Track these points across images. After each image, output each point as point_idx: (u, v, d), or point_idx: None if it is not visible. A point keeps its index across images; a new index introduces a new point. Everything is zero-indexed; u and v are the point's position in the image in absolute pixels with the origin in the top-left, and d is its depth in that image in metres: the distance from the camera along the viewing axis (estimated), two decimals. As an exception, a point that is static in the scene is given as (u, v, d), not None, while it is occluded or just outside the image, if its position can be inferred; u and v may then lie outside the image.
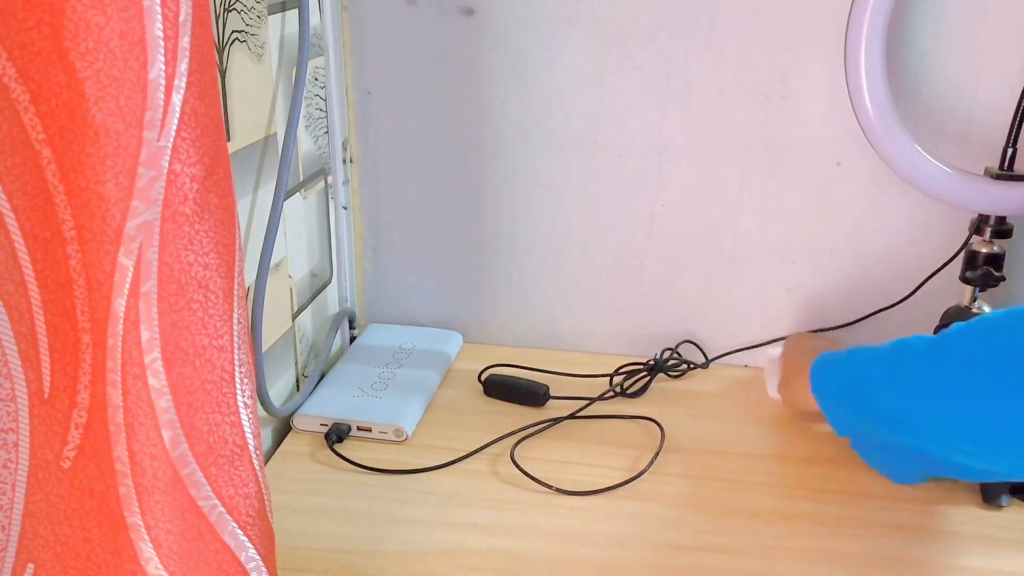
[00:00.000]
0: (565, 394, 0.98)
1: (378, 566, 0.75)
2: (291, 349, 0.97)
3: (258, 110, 0.85)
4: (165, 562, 0.54)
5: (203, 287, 0.53)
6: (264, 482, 0.60)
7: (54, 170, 0.48)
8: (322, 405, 0.95)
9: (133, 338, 0.50)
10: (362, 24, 1.03)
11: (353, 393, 0.97)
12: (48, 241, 0.50)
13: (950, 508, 0.83)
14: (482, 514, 0.81)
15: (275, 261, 0.92)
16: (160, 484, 0.53)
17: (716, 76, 0.99)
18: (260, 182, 0.87)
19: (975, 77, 0.95)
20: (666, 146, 1.02)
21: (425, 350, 1.06)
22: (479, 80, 1.03)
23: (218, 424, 0.56)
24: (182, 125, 0.49)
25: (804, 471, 0.88)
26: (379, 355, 1.04)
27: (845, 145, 0.99)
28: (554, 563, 0.76)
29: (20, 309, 0.52)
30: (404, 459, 0.89)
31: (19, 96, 0.47)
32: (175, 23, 0.48)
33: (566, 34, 1.00)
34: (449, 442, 0.91)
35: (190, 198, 0.51)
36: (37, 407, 0.54)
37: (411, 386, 0.99)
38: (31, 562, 0.57)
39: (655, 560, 0.76)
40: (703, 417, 0.97)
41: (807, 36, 0.96)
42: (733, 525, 0.80)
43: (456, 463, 0.88)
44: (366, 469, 0.87)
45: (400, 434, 0.91)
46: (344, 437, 0.91)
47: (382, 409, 0.94)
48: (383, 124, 1.07)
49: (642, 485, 0.85)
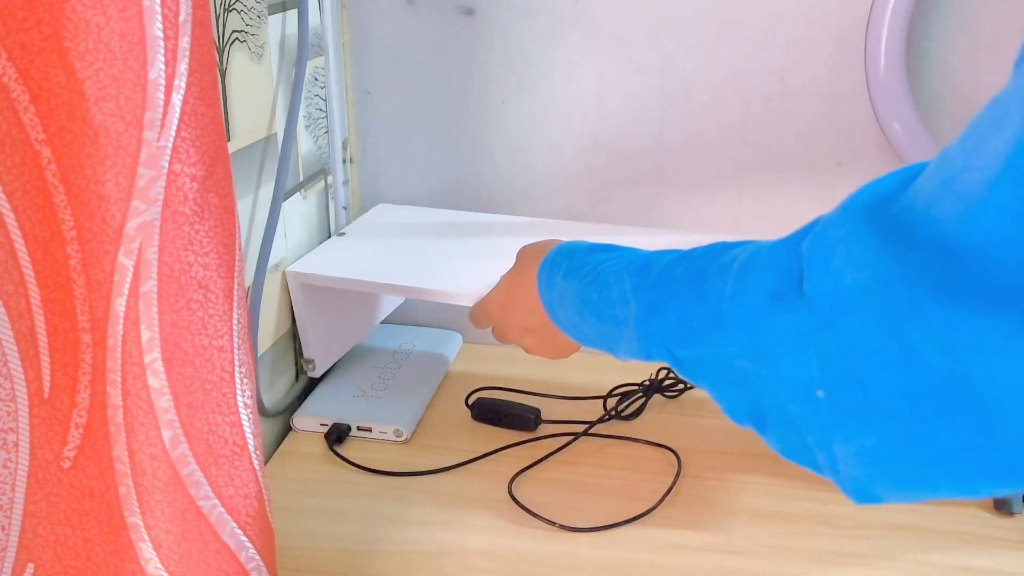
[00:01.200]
0: (557, 417, 0.94)
1: (378, 566, 0.75)
2: (291, 349, 0.97)
3: (258, 110, 0.85)
4: (165, 562, 0.54)
5: (203, 287, 0.53)
6: (264, 482, 0.60)
7: (54, 170, 0.48)
8: (322, 405, 0.95)
9: (133, 338, 0.50)
10: (362, 24, 1.03)
11: (353, 393, 0.97)
12: (48, 241, 0.50)
13: (951, 508, 0.83)
14: (482, 514, 0.81)
15: (275, 261, 0.92)
16: (160, 484, 0.53)
17: (716, 76, 0.99)
18: (260, 182, 0.87)
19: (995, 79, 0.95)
20: (666, 146, 1.02)
21: (425, 351, 1.06)
22: (479, 80, 1.03)
23: (218, 424, 0.56)
24: (182, 125, 0.49)
25: (805, 471, 0.88)
26: (379, 356, 1.04)
27: (845, 145, 0.99)
28: (554, 563, 0.76)
29: (20, 309, 0.52)
30: (404, 459, 0.88)
31: (19, 96, 0.47)
32: (175, 23, 0.48)
33: (566, 34, 1.00)
34: (449, 442, 0.91)
35: (190, 198, 0.51)
36: (37, 407, 0.54)
37: (411, 387, 0.98)
38: (31, 562, 0.57)
39: (655, 559, 0.76)
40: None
41: (807, 36, 0.96)
42: (733, 525, 0.80)
43: (458, 467, 0.87)
44: (364, 470, 0.87)
45: (400, 434, 0.91)
46: (344, 437, 0.91)
47: (382, 409, 0.94)
48: (383, 124, 1.07)
49: (641, 486, 0.85)
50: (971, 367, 0.38)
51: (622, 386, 0.97)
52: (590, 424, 0.92)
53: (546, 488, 0.85)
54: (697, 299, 0.56)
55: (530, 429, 0.93)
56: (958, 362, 0.38)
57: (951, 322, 0.38)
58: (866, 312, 0.42)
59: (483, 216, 1.05)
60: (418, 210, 1.08)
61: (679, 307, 0.58)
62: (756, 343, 0.50)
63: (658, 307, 0.59)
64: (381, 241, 1.00)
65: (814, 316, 0.45)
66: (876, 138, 0.97)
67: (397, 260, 0.95)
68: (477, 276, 0.87)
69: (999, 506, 0.82)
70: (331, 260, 0.96)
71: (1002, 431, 0.38)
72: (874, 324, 0.41)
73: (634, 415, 0.95)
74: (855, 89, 0.97)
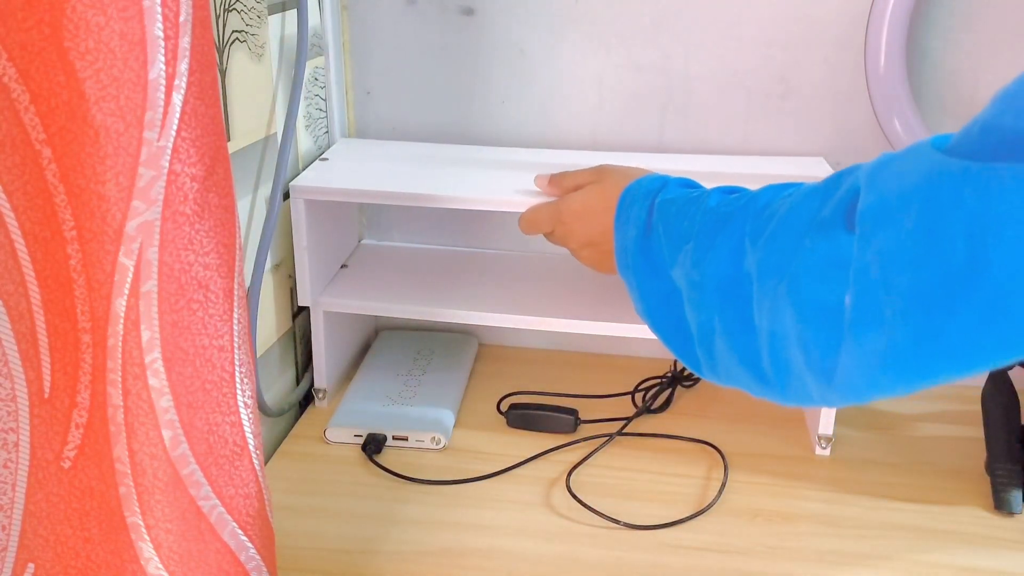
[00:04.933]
0: (587, 416, 0.95)
1: (378, 566, 0.75)
2: (291, 349, 0.97)
3: (258, 110, 0.85)
4: (165, 562, 0.54)
5: (203, 287, 0.53)
6: (264, 482, 0.61)
7: (54, 170, 0.48)
8: (353, 416, 0.94)
9: (133, 338, 0.50)
10: (362, 24, 1.03)
11: (382, 403, 0.96)
12: (48, 241, 0.50)
13: (952, 509, 0.83)
14: (482, 514, 0.81)
15: (275, 261, 0.92)
16: (160, 484, 0.53)
17: (716, 76, 0.99)
18: (260, 182, 0.87)
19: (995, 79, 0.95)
20: (666, 146, 1.02)
21: (445, 355, 1.05)
22: (479, 80, 1.03)
23: (218, 424, 0.56)
24: (182, 125, 0.49)
25: (807, 471, 0.88)
26: (399, 362, 1.04)
27: (845, 145, 0.99)
28: (555, 563, 0.76)
29: (20, 309, 0.52)
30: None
31: (19, 96, 0.47)
32: (175, 23, 0.48)
33: (566, 34, 1.00)
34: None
35: (190, 198, 0.51)
36: (37, 407, 0.54)
37: (439, 393, 0.98)
38: (31, 562, 0.57)
39: (655, 559, 0.76)
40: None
41: (807, 36, 0.96)
42: (733, 525, 0.80)
43: (504, 472, 0.87)
44: (408, 480, 0.85)
45: (438, 442, 0.90)
46: (381, 447, 0.90)
47: (416, 418, 0.93)
48: (383, 124, 1.07)
49: (643, 486, 0.85)
50: (993, 235, 0.43)
51: (645, 380, 1.01)
52: (627, 421, 0.94)
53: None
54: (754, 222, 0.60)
55: (570, 431, 0.93)
56: (982, 234, 0.43)
57: (986, 181, 0.43)
58: (904, 215, 0.47)
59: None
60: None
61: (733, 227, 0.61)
62: (783, 264, 0.54)
63: (718, 227, 0.63)
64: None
65: (860, 235, 0.49)
66: (876, 138, 0.97)
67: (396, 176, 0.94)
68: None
69: (999, 506, 0.82)
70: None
71: (1010, 304, 0.43)
72: (910, 225, 0.46)
73: (662, 407, 0.98)
74: (855, 89, 0.97)
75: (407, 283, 0.99)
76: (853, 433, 0.93)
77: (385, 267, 1.03)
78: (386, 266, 1.03)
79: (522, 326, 0.93)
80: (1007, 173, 0.42)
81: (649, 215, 0.70)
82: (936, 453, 0.91)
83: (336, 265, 1.01)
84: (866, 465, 0.89)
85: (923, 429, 0.95)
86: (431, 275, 1.01)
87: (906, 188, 0.47)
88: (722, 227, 0.62)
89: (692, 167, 0.87)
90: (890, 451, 0.91)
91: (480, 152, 1.01)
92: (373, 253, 1.07)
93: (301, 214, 0.90)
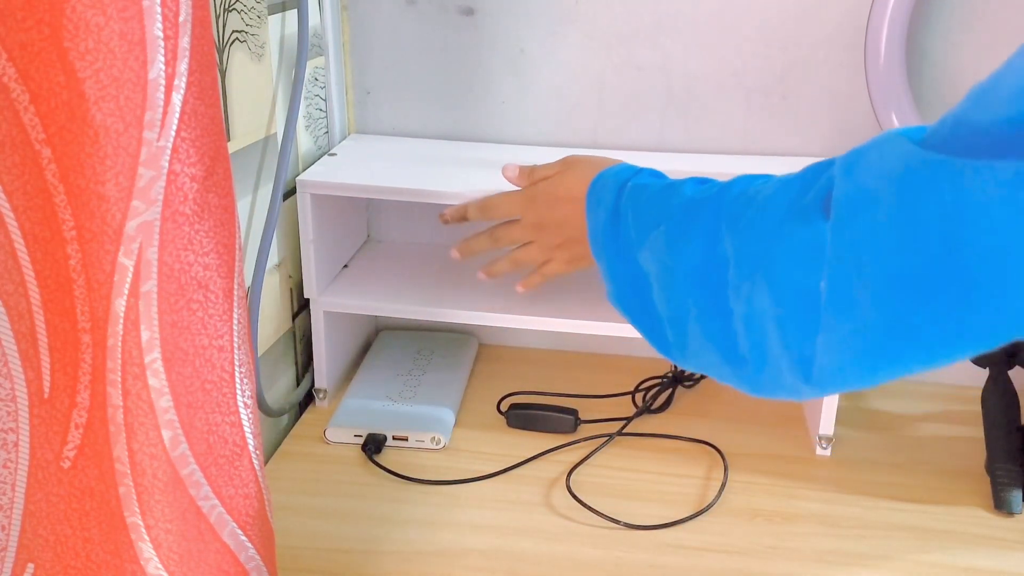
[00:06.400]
0: (586, 416, 0.95)
1: (378, 566, 0.75)
2: (291, 349, 0.97)
3: (258, 110, 0.85)
4: (165, 562, 0.54)
5: (203, 287, 0.53)
6: (264, 482, 0.61)
7: (54, 170, 0.48)
8: (353, 416, 0.94)
9: (133, 338, 0.50)
10: (362, 24, 1.03)
11: (382, 402, 0.96)
12: (48, 241, 0.50)
13: (952, 509, 0.83)
14: (482, 514, 0.81)
15: (276, 261, 0.92)
16: (160, 484, 0.53)
17: (716, 76, 0.99)
18: (260, 182, 0.87)
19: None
20: (666, 146, 1.02)
21: (445, 356, 1.05)
22: (479, 80, 1.03)
23: (218, 424, 0.56)
24: (182, 125, 0.49)
25: (807, 471, 0.88)
26: (399, 362, 1.04)
27: (845, 145, 0.99)
28: (554, 563, 0.76)
29: (20, 309, 0.52)
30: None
31: (19, 96, 0.47)
32: (175, 23, 0.48)
33: (566, 34, 1.00)
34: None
35: (190, 198, 0.51)
36: (37, 407, 0.54)
37: (439, 393, 0.98)
38: (31, 562, 0.57)
39: (655, 559, 0.76)
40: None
41: (807, 36, 0.96)
42: (733, 525, 0.80)
43: (505, 472, 0.87)
44: (408, 480, 0.85)
45: (438, 442, 0.91)
46: (381, 447, 0.90)
47: (416, 418, 0.93)
48: (383, 124, 1.07)
49: (643, 486, 0.85)
50: (967, 228, 0.43)
51: (645, 380, 1.01)
52: (627, 421, 0.94)
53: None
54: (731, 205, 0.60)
55: (570, 431, 0.93)
56: (956, 227, 0.43)
57: (962, 174, 0.43)
58: (879, 204, 0.47)
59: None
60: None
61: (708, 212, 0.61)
62: (761, 250, 0.55)
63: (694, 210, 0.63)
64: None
65: (834, 222, 0.49)
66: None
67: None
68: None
69: (999, 506, 0.82)
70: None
71: (980, 296, 0.44)
72: (885, 214, 0.47)
73: (662, 408, 0.98)
74: (855, 89, 0.97)
75: (407, 283, 0.99)
76: (853, 433, 0.93)
77: (386, 266, 1.03)
78: (387, 265, 1.03)
79: (522, 326, 0.92)
80: (983, 168, 0.43)
81: (617, 199, 0.70)
82: (936, 453, 0.91)
83: (340, 262, 1.01)
84: (866, 465, 0.89)
85: (923, 429, 0.95)
86: (431, 275, 1.01)
87: (882, 178, 0.48)
88: (696, 213, 0.62)
89: (692, 167, 0.87)
90: (890, 451, 0.91)
91: (488, 150, 1.01)
92: (378, 250, 1.07)
93: (307, 208, 0.90)
